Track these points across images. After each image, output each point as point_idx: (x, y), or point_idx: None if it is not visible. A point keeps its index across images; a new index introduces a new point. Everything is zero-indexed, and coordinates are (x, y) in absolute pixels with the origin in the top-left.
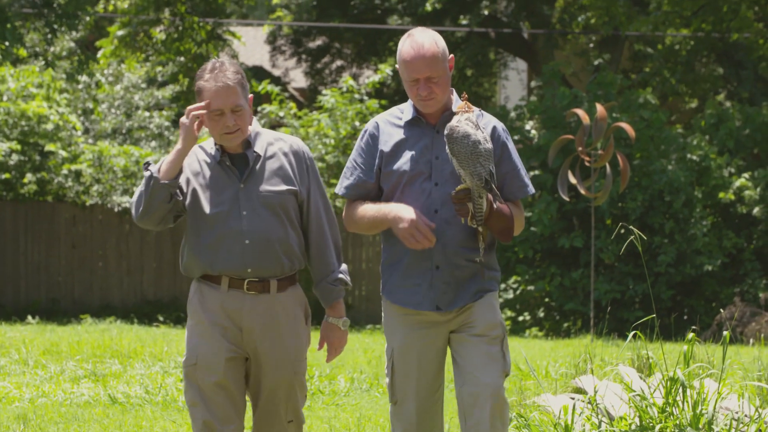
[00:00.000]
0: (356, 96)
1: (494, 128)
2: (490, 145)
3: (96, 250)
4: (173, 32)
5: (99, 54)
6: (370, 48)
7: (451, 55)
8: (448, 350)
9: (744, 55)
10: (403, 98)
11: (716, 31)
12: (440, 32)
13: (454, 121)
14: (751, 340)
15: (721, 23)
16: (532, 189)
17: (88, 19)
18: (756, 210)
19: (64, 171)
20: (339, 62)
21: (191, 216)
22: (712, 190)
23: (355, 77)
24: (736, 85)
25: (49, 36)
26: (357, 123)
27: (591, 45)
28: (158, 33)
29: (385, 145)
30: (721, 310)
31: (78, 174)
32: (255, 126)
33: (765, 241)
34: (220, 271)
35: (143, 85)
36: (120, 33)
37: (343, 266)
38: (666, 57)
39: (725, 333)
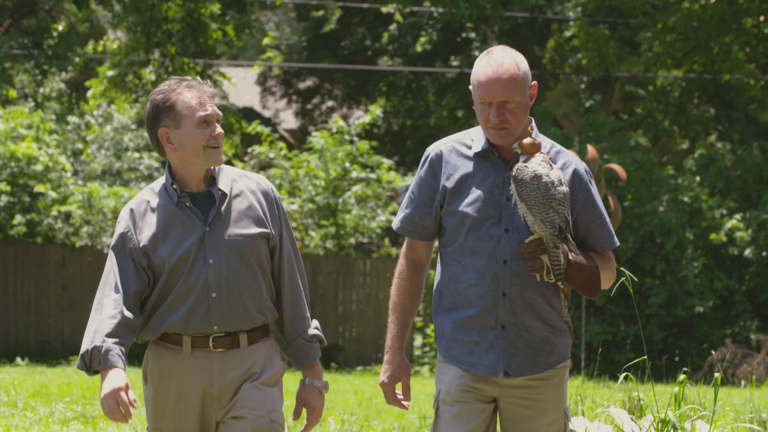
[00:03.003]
0: (346, 137)
1: (575, 171)
2: (566, 188)
3: (86, 291)
4: (163, 73)
5: (89, 94)
6: (360, 89)
7: (534, 82)
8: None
9: (735, 96)
10: (395, 139)
11: (707, 72)
12: (429, 74)
13: (522, 160)
14: (743, 382)
15: (713, 64)
16: (617, 241)
17: (77, 59)
18: (747, 251)
19: (54, 212)
20: (329, 103)
21: (150, 270)
22: (703, 232)
23: (345, 118)
24: (727, 127)
25: (39, 77)
26: (347, 164)
27: (582, 86)
28: (148, 74)
29: (449, 178)
30: (713, 352)
31: (67, 215)
32: None
33: (756, 283)
34: (180, 329)
35: (133, 126)
36: (110, 73)
37: (315, 322)
38: (657, 98)
39: (717, 375)
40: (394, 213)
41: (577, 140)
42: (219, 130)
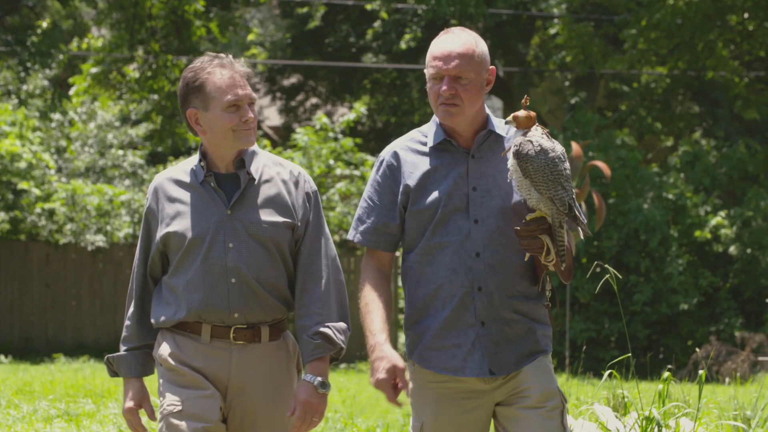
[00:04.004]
0: (330, 134)
1: None
2: (569, 167)
3: (69, 289)
4: (147, 70)
5: (72, 91)
6: (344, 86)
7: (492, 66)
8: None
9: (720, 93)
10: (379, 137)
11: (692, 69)
12: (414, 71)
13: (521, 136)
14: (727, 379)
15: (697, 61)
16: (588, 232)
17: (61, 57)
18: (732, 248)
19: (38, 210)
20: (313, 100)
21: (166, 249)
22: (688, 229)
23: (329, 115)
24: (712, 123)
25: (23, 74)
26: (331, 161)
27: (567, 83)
28: (132, 71)
29: (410, 178)
30: (697, 349)
31: (51, 213)
32: (254, 145)
33: (741, 280)
34: (200, 316)
35: (117, 124)
36: (93, 70)
37: (341, 324)
38: (642, 95)
39: (701, 372)
40: None
41: (562, 137)
42: (250, 114)
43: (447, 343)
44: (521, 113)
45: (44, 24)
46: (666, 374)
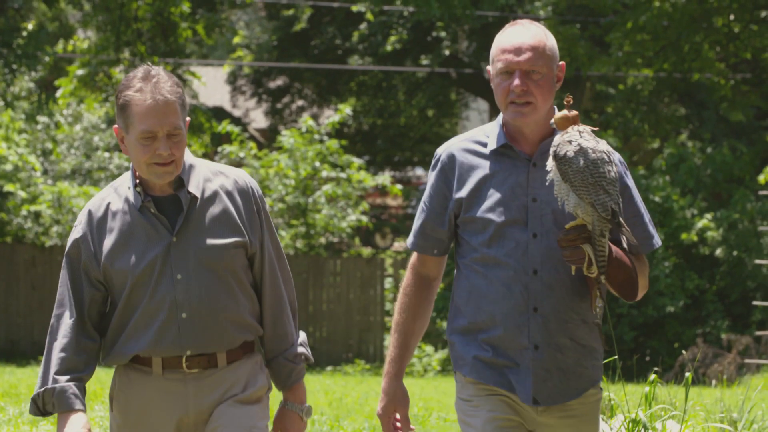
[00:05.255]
0: (316, 136)
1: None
2: (615, 169)
3: (55, 291)
4: None
5: (58, 93)
6: (330, 88)
7: (562, 62)
8: None
9: (706, 95)
10: (365, 139)
11: (678, 71)
12: (400, 73)
13: (560, 136)
14: (714, 382)
15: (683, 63)
16: (659, 241)
17: (47, 59)
18: (718, 251)
19: (23, 212)
20: (299, 102)
21: (107, 286)
22: (674, 231)
23: (315, 117)
24: (698, 126)
25: (8, 76)
26: (317, 163)
27: None
28: (118, 73)
29: (464, 182)
30: (684, 352)
31: (37, 215)
32: (187, 156)
33: (727, 283)
34: (150, 354)
35: (103, 126)
36: (79, 72)
37: (302, 335)
38: (628, 97)
39: (687, 374)
40: (364, 212)
41: None
42: (164, 149)
43: (499, 360)
44: (559, 114)
45: (30, 26)
46: (652, 377)
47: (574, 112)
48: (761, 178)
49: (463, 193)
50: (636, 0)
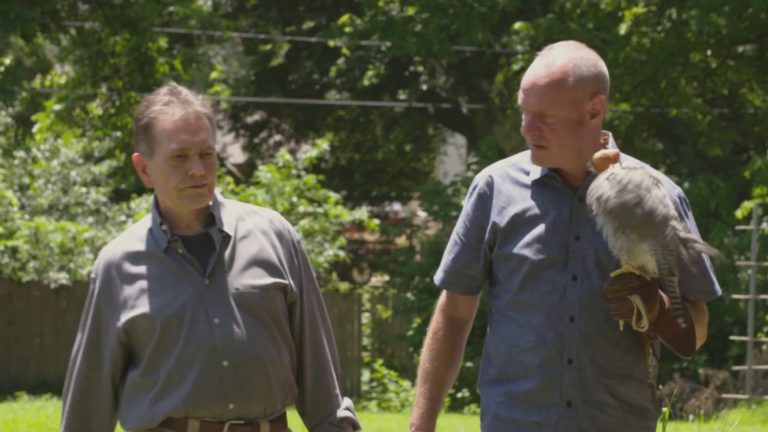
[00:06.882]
0: (293, 171)
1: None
2: (664, 191)
3: (32, 326)
4: (110, 107)
5: (35, 128)
6: (308, 123)
7: (600, 95)
8: None
9: (683, 130)
10: (342, 174)
11: (655, 106)
12: (378, 107)
13: (596, 180)
14: (691, 417)
15: (660, 99)
16: (719, 289)
17: (24, 94)
18: None
19: (0, 247)
20: (277, 137)
21: (130, 341)
22: None
23: (292, 152)
24: (675, 160)
25: None
26: (294, 198)
27: None
28: (95, 108)
29: (501, 213)
30: (660, 386)
31: (14, 250)
32: (216, 193)
33: None
34: (186, 412)
35: (80, 161)
36: (57, 107)
37: (347, 401)
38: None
39: (665, 409)
40: (341, 247)
41: None
42: (199, 168)
43: (525, 418)
44: (597, 154)
45: (7, 61)
46: None
47: (614, 151)
48: (738, 213)
49: (500, 224)
50: (614, 35)
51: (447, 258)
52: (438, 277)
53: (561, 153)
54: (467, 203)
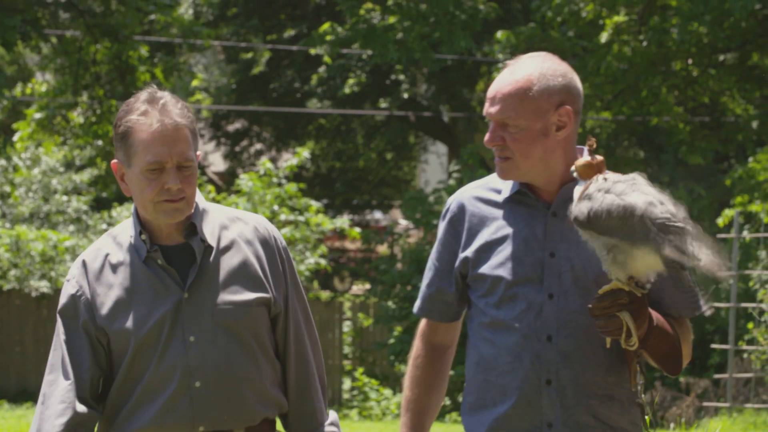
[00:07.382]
0: (274, 179)
1: None
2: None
3: (13, 335)
4: (91, 115)
5: (16, 137)
6: (289, 131)
7: (566, 107)
8: None
9: (664, 138)
10: (324, 182)
11: (637, 114)
12: (359, 116)
13: (581, 191)
14: (672, 425)
15: (642, 107)
16: (703, 305)
17: (5, 102)
18: None
19: None
20: (258, 146)
21: (110, 348)
22: None
23: (273, 161)
24: (656, 169)
25: None
26: (275, 207)
27: None
28: (76, 116)
29: (473, 236)
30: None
31: None
32: (199, 199)
33: None
34: None
35: (61, 169)
36: (37, 116)
37: (333, 415)
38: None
39: (646, 417)
40: (323, 255)
41: None
42: (174, 182)
43: None
44: (580, 161)
45: None
46: None
47: (599, 158)
48: (719, 221)
49: (471, 249)
50: (596, 43)
51: (422, 284)
52: (416, 305)
53: (526, 165)
54: (440, 227)
